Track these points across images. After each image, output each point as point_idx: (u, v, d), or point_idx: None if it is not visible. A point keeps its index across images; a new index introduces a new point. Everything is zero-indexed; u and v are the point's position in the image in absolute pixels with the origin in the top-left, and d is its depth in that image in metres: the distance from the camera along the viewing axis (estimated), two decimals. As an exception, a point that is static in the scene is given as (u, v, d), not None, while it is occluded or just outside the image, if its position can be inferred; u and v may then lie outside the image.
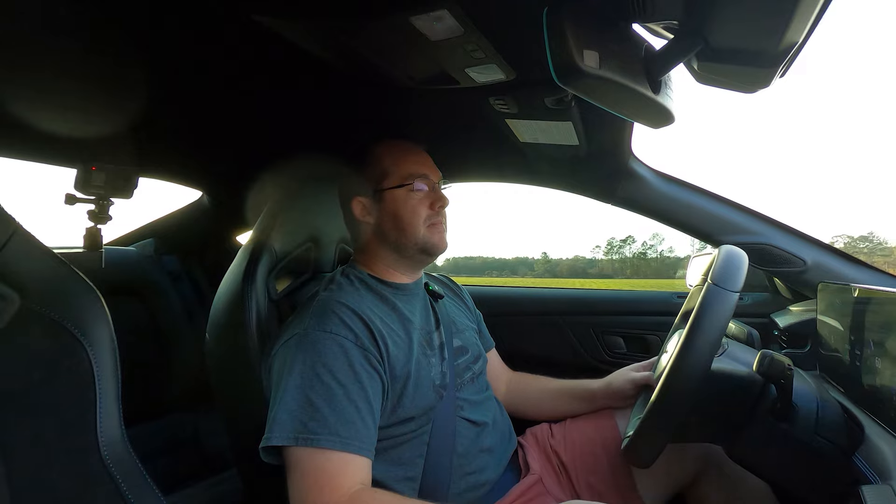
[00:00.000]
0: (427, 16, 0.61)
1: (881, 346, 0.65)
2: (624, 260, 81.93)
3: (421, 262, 0.91)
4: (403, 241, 0.87)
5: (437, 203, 0.88)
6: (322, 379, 0.70)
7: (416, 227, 0.86)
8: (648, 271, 75.70)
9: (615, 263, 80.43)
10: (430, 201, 0.88)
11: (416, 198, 0.87)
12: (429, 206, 0.88)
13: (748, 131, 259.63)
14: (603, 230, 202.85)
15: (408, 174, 0.87)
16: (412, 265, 0.91)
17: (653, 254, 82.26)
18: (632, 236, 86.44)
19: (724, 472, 0.87)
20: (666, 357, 0.85)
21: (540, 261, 78.11)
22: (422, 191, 0.87)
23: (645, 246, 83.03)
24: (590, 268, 76.26)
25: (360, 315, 0.77)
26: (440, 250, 0.89)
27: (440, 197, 0.89)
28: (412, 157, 0.90)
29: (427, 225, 0.87)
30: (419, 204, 0.87)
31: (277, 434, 0.68)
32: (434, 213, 0.88)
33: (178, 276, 1.62)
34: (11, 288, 0.47)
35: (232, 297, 0.85)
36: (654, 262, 79.99)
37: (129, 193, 1.24)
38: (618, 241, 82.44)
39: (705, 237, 1.22)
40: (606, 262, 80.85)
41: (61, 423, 0.48)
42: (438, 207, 0.88)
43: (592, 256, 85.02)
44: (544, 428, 1.02)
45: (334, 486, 0.66)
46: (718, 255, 0.76)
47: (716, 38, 0.57)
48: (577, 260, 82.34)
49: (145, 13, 0.70)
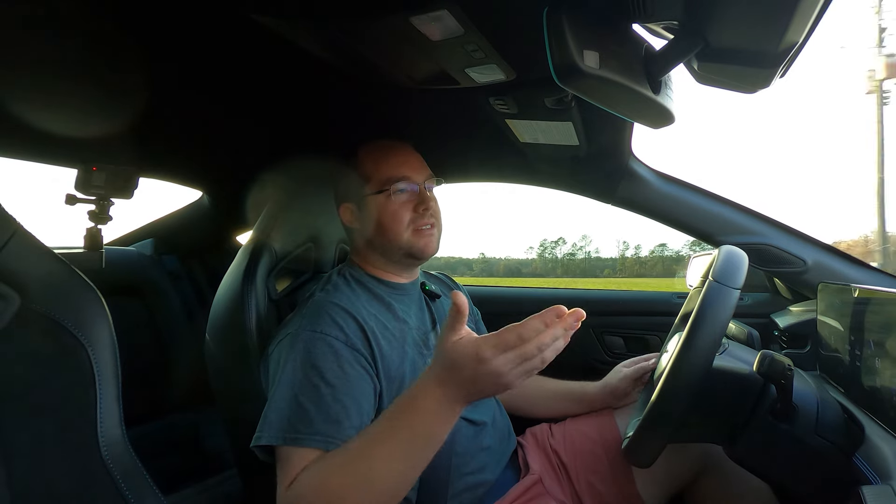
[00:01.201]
0: (427, 16, 0.61)
1: (881, 346, 0.65)
2: (555, 260, 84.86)
3: (409, 265, 0.91)
4: (388, 246, 0.87)
5: (422, 205, 0.86)
6: (311, 379, 0.70)
7: (398, 232, 0.85)
8: (577, 271, 79.27)
9: (548, 263, 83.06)
10: (413, 204, 0.86)
11: (398, 202, 0.85)
12: (412, 209, 0.86)
13: (745, 129, 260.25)
14: (537, 232, 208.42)
15: (387, 178, 0.85)
16: (402, 268, 0.91)
17: (581, 254, 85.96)
18: (563, 238, 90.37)
19: (724, 472, 0.87)
20: (666, 357, 0.85)
21: (478, 261, 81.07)
22: (403, 193, 0.86)
23: (575, 247, 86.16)
24: (524, 268, 78.82)
25: (354, 315, 0.77)
26: (427, 254, 0.87)
27: (424, 199, 0.86)
28: (392, 160, 0.87)
29: (411, 229, 0.85)
30: (401, 208, 0.85)
31: (266, 433, 0.68)
32: (418, 216, 0.86)
33: (178, 276, 1.62)
34: (11, 288, 0.47)
35: (232, 297, 0.85)
36: (582, 262, 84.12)
37: (129, 193, 1.24)
38: (550, 243, 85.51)
39: (705, 237, 1.22)
40: (539, 261, 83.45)
41: (61, 423, 0.48)
42: (422, 210, 0.86)
43: (526, 257, 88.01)
44: (544, 428, 1.02)
45: None
46: (719, 254, 0.76)
47: (716, 39, 0.57)
48: (512, 260, 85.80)
49: (145, 13, 0.70)
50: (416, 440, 0.62)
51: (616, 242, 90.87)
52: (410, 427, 0.62)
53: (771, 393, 0.70)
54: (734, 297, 0.69)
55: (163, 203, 1.74)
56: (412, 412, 0.62)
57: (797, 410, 0.68)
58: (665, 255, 77.09)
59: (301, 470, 0.65)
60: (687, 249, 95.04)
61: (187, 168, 1.42)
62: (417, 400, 0.62)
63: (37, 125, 0.95)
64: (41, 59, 0.77)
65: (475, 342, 0.58)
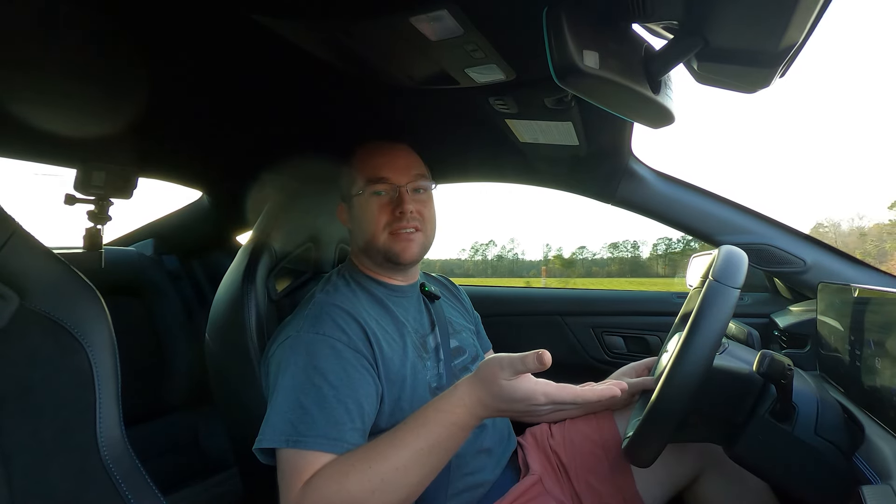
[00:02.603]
0: (427, 16, 0.61)
1: (881, 346, 0.65)
2: (486, 261, 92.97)
3: (390, 269, 0.89)
4: (369, 248, 0.86)
5: (398, 209, 0.84)
6: (313, 381, 0.70)
7: (375, 234, 0.84)
8: (505, 271, 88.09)
9: (479, 265, 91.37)
10: (391, 207, 0.85)
11: (376, 204, 0.84)
12: (389, 213, 0.84)
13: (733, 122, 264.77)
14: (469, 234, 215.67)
15: (367, 179, 0.85)
16: (388, 271, 0.90)
17: (510, 256, 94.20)
18: (493, 240, 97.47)
19: (724, 472, 0.87)
20: (666, 357, 0.85)
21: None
22: (380, 196, 0.84)
23: (504, 250, 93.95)
24: (457, 268, 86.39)
25: (355, 317, 0.77)
26: (405, 259, 0.85)
27: (401, 202, 0.84)
28: (377, 160, 0.87)
29: (387, 232, 0.84)
30: (379, 210, 0.84)
31: (269, 436, 0.68)
32: (395, 219, 0.84)
33: (178, 276, 1.62)
34: (11, 288, 0.48)
35: (232, 298, 0.85)
36: (510, 263, 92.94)
37: (128, 193, 1.24)
38: (481, 245, 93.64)
39: (705, 237, 1.22)
40: (471, 263, 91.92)
41: (61, 423, 0.48)
42: (399, 214, 0.84)
43: (459, 258, 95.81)
44: (544, 428, 1.02)
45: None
46: (719, 254, 0.76)
47: (716, 39, 0.57)
48: (447, 261, 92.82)
49: (145, 13, 0.70)
50: (439, 451, 0.64)
51: (541, 246, 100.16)
52: (439, 438, 0.63)
53: (771, 393, 0.70)
54: (734, 297, 0.69)
55: (163, 203, 1.75)
56: (441, 425, 0.64)
57: (797, 410, 0.68)
58: (584, 257, 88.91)
59: (313, 474, 0.64)
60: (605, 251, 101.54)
61: (187, 168, 1.42)
62: (451, 415, 0.64)
63: (37, 125, 0.95)
64: (41, 59, 0.77)
65: (537, 385, 0.62)
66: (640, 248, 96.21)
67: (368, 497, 0.62)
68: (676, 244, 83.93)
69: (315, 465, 0.65)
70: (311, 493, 0.63)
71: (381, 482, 0.62)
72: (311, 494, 0.63)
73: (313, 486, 0.63)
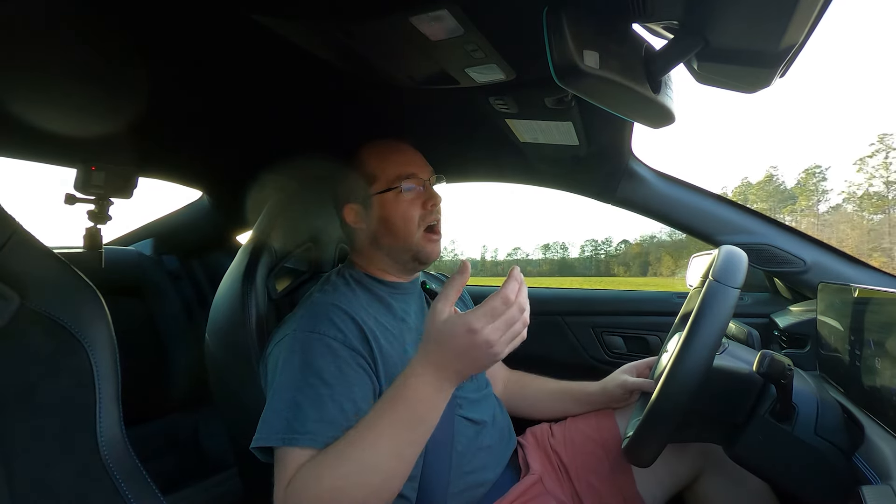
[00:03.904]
0: (427, 16, 0.61)
1: (881, 346, 0.65)
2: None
3: (413, 269, 0.90)
4: (397, 247, 0.86)
5: (430, 202, 0.86)
6: (308, 380, 0.70)
7: (410, 232, 0.85)
8: (446, 271, 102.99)
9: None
10: (421, 201, 0.86)
11: (407, 200, 0.85)
12: (421, 206, 0.86)
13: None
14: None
15: (395, 176, 0.85)
16: (405, 270, 0.90)
17: (450, 256, 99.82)
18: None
19: (724, 472, 0.87)
20: (666, 357, 0.85)
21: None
22: (411, 191, 0.85)
23: (445, 250, 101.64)
24: None
25: (352, 316, 0.77)
26: (433, 259, 0.88)
27: (432, 195, 0.87)
28: (398, 157, 0.88)
29: (422, 230, 0.86)
30: (410, 206, 0.85)
31: (265, 434, 0.68)
32: (427, 213, 0.86)
33: (178, 276, 1.62)
34: (11, 288, 0.48)
35: (232, 297, 0.85)
36: (450, 263, 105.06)
37: (128, 193, 1.24)
38: None
39: (705, 237, 1.22)
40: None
41: (61, 423, 0.48)
42: (431, 206, 0.86)
43: None
44: (544, 427, 1.02)
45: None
46: (719, 254, 0.76)
47: (716, 39, 0.57)
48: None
49: (145, 13, 0.70)
50: (406, 424, 0.63)
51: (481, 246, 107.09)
52: (401, 412, 0.63)
53: (771, 393, 0.70)
54: (734, 297, 0.69)
55: (163, 203, 1.75)
56: (402, 398, 0.63)
57: (797, 410, 0.68)
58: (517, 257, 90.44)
59: (297, 469, 0.65)
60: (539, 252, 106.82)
61: (187, 168, 1.42)
62: (408, 385, 0.63)
63: (37, 125, 0.95)
64: (41, 59, 0.77)
65: (465, 315, 0.60)
66: (568, 250, 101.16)
67: (344, 484, 0.62)
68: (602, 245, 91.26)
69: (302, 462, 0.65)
70: (291, 487, 0.64)
71: (356, 468, 0.62)
72: (291, 488, 0.63)
73: (294, 481, 0.64)
